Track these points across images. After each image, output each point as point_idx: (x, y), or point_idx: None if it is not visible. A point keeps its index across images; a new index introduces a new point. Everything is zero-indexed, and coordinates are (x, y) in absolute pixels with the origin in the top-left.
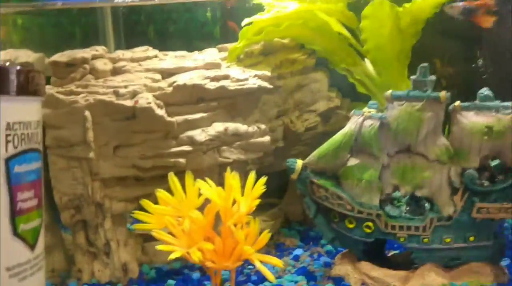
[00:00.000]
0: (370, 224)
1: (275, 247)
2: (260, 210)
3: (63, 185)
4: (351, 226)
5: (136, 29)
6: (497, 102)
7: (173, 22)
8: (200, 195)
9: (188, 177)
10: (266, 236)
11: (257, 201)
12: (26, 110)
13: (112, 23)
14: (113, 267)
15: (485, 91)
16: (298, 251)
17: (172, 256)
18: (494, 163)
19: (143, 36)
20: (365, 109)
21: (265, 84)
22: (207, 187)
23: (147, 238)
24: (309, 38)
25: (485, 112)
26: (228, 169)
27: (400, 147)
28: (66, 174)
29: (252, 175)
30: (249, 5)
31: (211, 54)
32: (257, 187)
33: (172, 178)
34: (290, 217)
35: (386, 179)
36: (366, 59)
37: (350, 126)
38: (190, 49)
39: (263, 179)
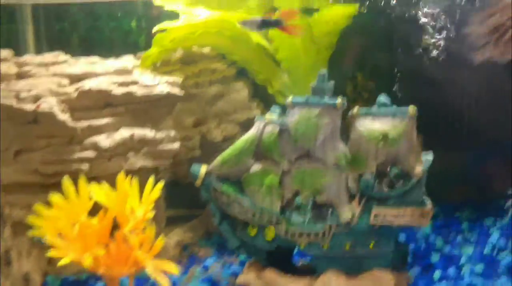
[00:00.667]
0: (271, 230)
1: (188, 258)
2: (180, 221)
3: None
4: (253, 233)
5: (60, 36)
6: (393, 108)
7: (98, 30)
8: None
9: (81, 181)
10: (160, 242)
11: (152, 206)
12: None
13: (34, 28)
14: (13, 278)
15: (382, 98)
16: (209, 262)
17: (62, 262)
18: (394, 170)
19: (66, 43)
20: (267, 115)
21: (175, 91)
22: (98, 191)
23: None
24: (226, 47)
25: (381, 119)
26: (122, 173)
27: (300, 153)
28: None
29: (150, 180)
30: (175, 14)
31: (125, 61)
32: (154, 191)
33: (66, 182)
34: (211, 228)
35: (286, 184)
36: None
37: (252, 132)
38: (115, 57)
39: (160, 184)
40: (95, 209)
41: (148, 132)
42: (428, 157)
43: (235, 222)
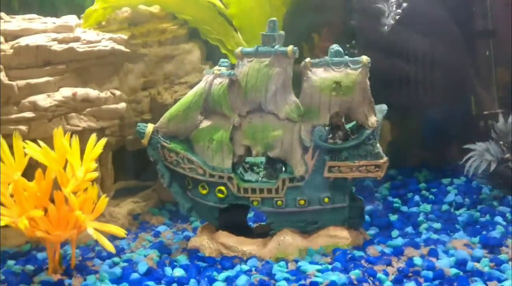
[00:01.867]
0: (222, 188)
1: (138, 226)
2: (132, 191)
3: None
4: (204, 191)
5: None
6: (346, 58)
7: None
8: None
9: (16, 139)
10: (103, 201)
11: (93, 165)
12: None
13: None
14: None
15: (335, 46)
16: (161, 228)
17: None
18: (349, 125)
19: (7, 5)
20: (216, 67)
21: (120, 47)
22: (34, 148)
23: None
24: (176, 6)
25: (334, 68)
26: (60, 128)
27: (251, 106)
28: None
29: (92, 138)
30: None
31: (67, 19)
32: (95, 149)
33: (1, 142)
34: (164, 198)
35: (237, 140)
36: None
37: (200, 85)
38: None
39: (103, 140)
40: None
41: (91, 91)
42: (382, 108)
43: (185, 182)
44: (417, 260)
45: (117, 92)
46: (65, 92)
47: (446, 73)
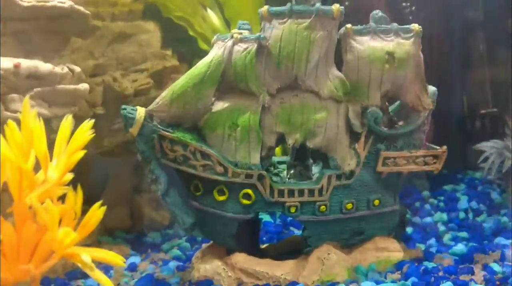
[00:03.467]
0: (249, 191)
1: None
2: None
3: None
4: (222, 198)
5: None
6: (394, 25)
7: None
8: None
9: None
10: (95, 214)
11: (78, 156)
12: None
13: None
14: None
15: (379, 12)
16: (135, 259)
17: None
18: (392, 107)
19: None
20: (234, 31)
21: (80, 8)
22: None
23: None
24: None
25: (382, 36)
26: (26, 97)
27: (284, 81)
28: None
29: (68, 119)
30: None
31: None
32: (78, 134)
33: None
34: (111, 225)
35: (267, 125)
36: (208, 9)
37: (217, 52)
38: None
39: (89, 122)
40: None
41: (41, 65)
42: (432, 89)
43: (189, 188)
44: (495, 267)
45: (77, 69)
46: (4, 63)
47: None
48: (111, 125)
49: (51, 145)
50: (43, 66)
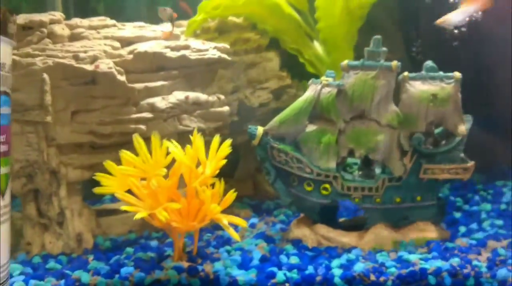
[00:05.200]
0: (327, 186)
1: None
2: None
3: (15, 151)
4: (309, 188)
5: (86, 5)
6: (441, 73)
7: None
8: (168, 154)
9: (155, 138)
10: (231, 195)
11: (223, 162)
12: (2, 51)
13: None
14: (67, 237)
15: (430, 63)
16: (254, 220)
17: (138, 216)
18: (437, 130)
19: (93, 11)
20: (323, 78)
21: (225, 56)
22: (175, 147)
23: (101, 212)
24: (262, 17)
25: (430, 82)
26: (196, 130)
27: (355, 113)
28: (19, 139)
29: (216, 138)
30: None
31: (167, 27)
32: (223, 148)
33: (137, 138)
34: (240, 193)
35: (342, 143)
36: (314, 41)
37: (310, 93)
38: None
39: (228, 141)
40: None
41: (201, 95)
42: (468, 118)
43: (289, 180)
44: (501, 251)
45: (222, 97)
46: (178, 95)
47: (500, 81)
48: (242, 127)
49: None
50: (202, 97)
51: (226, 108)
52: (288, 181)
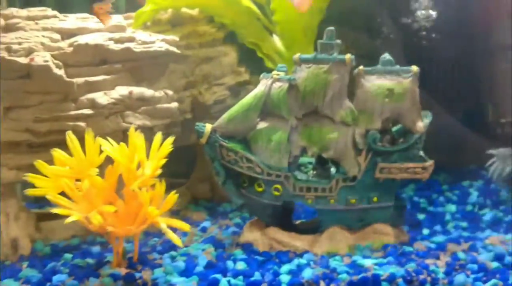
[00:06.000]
0: (278, 186)
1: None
2: (166, 189)
3: None
4: (260, 189)
5: None
6: (397, 67)
7: None
8: (101, 153)
9: (88, 135)
10: (172, 197)
11: (163, 161)
12: None
13: None
14: (1, 243)
15: (386, 56)
16: (206, 224)
17: (69, 220)
18: (395, 128)
19: (41, 2)
20: (274, 72)
21: (173, 48)
22: (109, 145)
23: (41, 216)
24: (218, 10)
25: (386, 76)
26: (132, 126)
27: (308, 109)
28: None
29: (158, 135)
30: None
31: (116, 18)
32: (164, 146)
33: (70, 136)
34: (197, 195)
35: (294, 141)
36: (274, 35)
37: (260, 88)
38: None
39: (171, 138)
40: None
41: (146, 90)
42: (427, 114)
43: (239, 180)
44: (461, 255)
45: (170, 92)
46: (121, 90)
47: (466, 80)
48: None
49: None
50: (148, 92)
51: (174, 105)
52: (238, 182)
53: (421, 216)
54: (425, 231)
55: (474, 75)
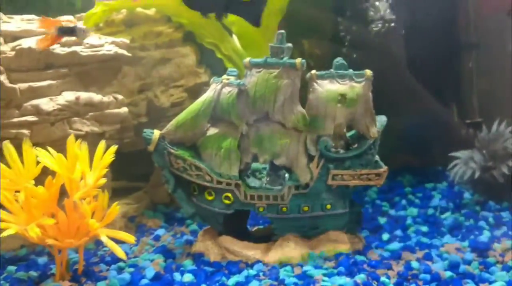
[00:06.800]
0: (229, 194)
1: (136, 229)
2: (124, 193)
3: None
4: (210, 198)
5: None
6: (350, 71)
7: None
8: (38, 163)
9: (26, 145)
10: (115, 209)
11: (105, 171)
12: None
13: None
14: None
15: (340, 60)
16: (160, 231)
17: (5, 234)
18: (350, 133)
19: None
20: (224, 76)
21: (123, 51)
22: (47, 155)
23: None
24: (174, 10)
25: (339, 80)
26: (72, 136)
27: (259, 115)
28: None
29: (101, 145)
30: None
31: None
32: (106, 156)
33: (7, 147)
34: (155, 200)
35: (245, 147)
36: (234, 35)
37: (209, 93)
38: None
39: (113, 148)
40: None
41: (94, 95)
42: (382, 119)
43: (189, 189)
44: (415, 264)
45: (119, 97)
46: (68, 96)
47: (431, 80)
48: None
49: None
50: (96, 97)
51: (124, 110)
52: (189, 190)
53: (382, 220)
54: (385, 236)
55: (439, 76)
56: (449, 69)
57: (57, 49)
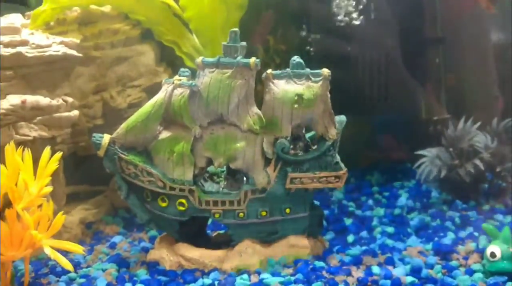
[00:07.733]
0: (183, 200)
1: (92, 236)
2: (83, 197)
3: None
4: (164, 204)
5: None
6: (307, 70)
7: None
8: None
9: None
10: (60, 219)
11: (48, 179)
12: None
13: None
14: None
15: (296, 58)
16: (117, 238)
17: None
18: (309, 134)
19: None
20: (176, 77)
21: (73, 52)
22: None
23: None
24: (129, 6)
25: (296, 80)
26: (12, 143)
27: (213, 117)
28: None
29: (46, 152)
30: None
31: (12, 19)
32: (50, 163)
33: None
34: (116, 204)
35: (198, 151)
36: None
37: (160, 95)
38: None
39: (58, 154)
40: None
41: (41, 99)
42: (341, 119)
43: (143, 195)
44: (375, 269)
45: (69, 99)
46: (13, 100)
47: (397, 77)
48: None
49: None
50: (43, 100)
51: (74, 113)
52: (142, 196)
53: (348, 221)
54: (350, 238)
55: (406, 72)
56: (416, 65)
57: (1, 50)
